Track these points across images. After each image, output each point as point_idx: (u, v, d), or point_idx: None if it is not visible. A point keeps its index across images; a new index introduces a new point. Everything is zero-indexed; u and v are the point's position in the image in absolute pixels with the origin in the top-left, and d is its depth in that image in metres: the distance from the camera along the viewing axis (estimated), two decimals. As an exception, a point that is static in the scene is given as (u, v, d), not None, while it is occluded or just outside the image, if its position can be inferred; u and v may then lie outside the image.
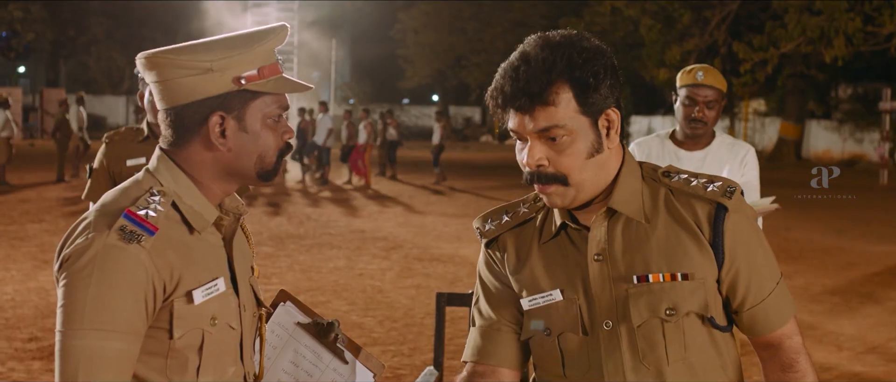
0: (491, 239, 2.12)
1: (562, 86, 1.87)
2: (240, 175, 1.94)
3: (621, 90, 1.97)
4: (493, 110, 1.95)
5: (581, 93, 1.88)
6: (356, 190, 19.47)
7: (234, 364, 1.97)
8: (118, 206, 1.84)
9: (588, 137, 1.90)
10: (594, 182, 1.94)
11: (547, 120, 1.88)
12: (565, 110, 1.88)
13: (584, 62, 1.88)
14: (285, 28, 1.95)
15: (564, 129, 1.88)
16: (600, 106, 1.91)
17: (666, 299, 1.94)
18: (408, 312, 7.83)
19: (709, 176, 2.01)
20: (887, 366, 6.64)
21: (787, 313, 2.03)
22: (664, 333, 1.94)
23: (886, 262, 11.23)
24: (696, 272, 1.94)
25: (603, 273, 1.97)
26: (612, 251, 1.97)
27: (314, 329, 2.34)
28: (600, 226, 1.98)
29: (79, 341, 1.75)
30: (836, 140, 34.00)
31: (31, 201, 15.35)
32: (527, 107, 1.88)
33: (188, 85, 1.86)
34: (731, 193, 1.96)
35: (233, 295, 1.96)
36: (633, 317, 1.94)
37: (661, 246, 1.95)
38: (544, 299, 2.02)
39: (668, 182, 2.00)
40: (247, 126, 1.90)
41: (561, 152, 1.90)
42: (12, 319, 7.20)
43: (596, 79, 1.88)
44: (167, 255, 1.83)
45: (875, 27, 23.62)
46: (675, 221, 1.96)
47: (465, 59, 41.77)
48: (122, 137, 4.31)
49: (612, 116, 1.93)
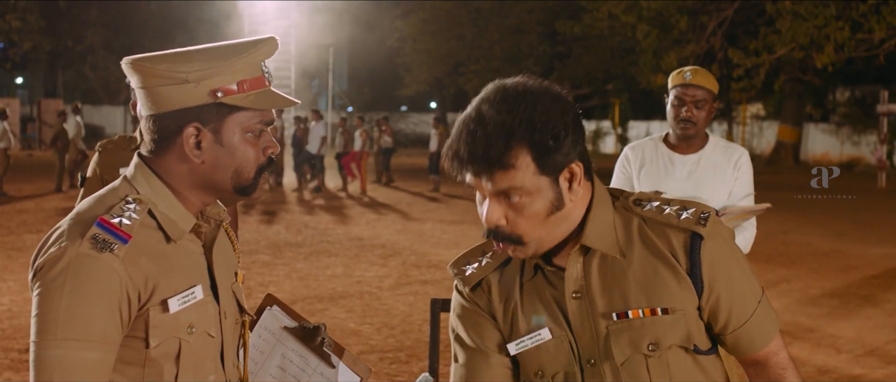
0: (475, 283, 2.03)
1: (520, 151, 1.80)
2: (215, 187, 1.91)
3: (583, 138, 1.90)
4: (448, 169, 1.87)
5: (540, 156, 1.81)
6: (352, 197, 19.47)
7: (214, 372, 1.95)
8: (92, 214, 1.82)
9: (547, 196, 1.84)
10: (553, 235, 1.88)
11: (505, 182, 1.81)
12: (524, 173, 1.81)
13: (544, 123, 1.80)
14: (273, 40, 1.92)
15: (523, 190, 1.82)
16: (561, 163, 1.84)
17: (647, 334, 1.90)
18: (405, 319, 7.82)
19: (681, 201, 1.96)
20: (886, 369, 6.63)
21: (772, 331, 2.00)
22: (648, 368, 1.91)
23: (885, 265, 11.23)
24: (676, 304, 1.90)
25: (582, 310, 1.92)
26: (589, 288, 1.92)
27: (301, 333, 2.33)
28: (576, 264, 1.93)
29: (53, 351, 1.73)
30: (834, 143, 34.04)
31: (29, 211, 15.34)
32: (483, 172, 1.82)
33: (166, 94, 1.84)
34: (704, 220, 1.91)
35: (212, 302, 1.93)
36: (616, 355, 1.90)
37: (638, 281, 1.91)
38: (532, 340, 1.96)
39: (639, 211, 1.95)
40: (223, 139, 1.87)
41: (519, 213, 1.84)
42: (9, 330, 7.18)
43: (556, 141, 1.81)
44: (141, 263, 1.81)
45: (865, 34, 23.69)
46: (651, 253, 1.92)
47: (462, 66, 41.76)
48: (116, 146, 4.30)
49: (574, 169, 1.86)
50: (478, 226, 7.49)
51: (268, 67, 1.92)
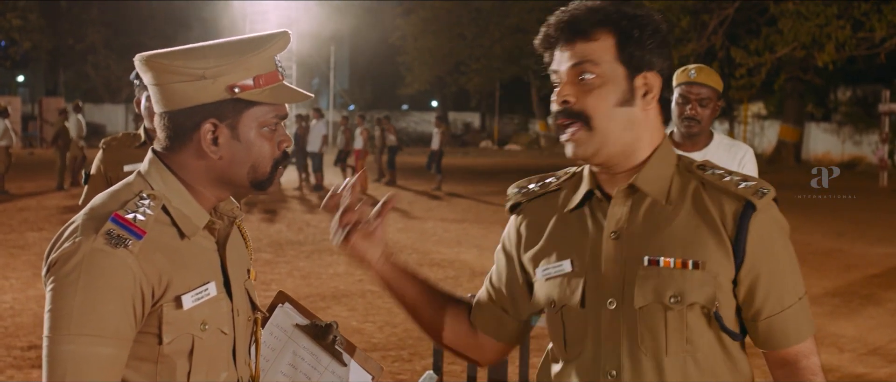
0: (513, 204, 2.14)
1: (605, 29, 1.89)
2: (233, 183, 1.92)
3: (669, 66, 1.96)
4: (538, 47, 1.97)
5: (623, 41, 1.89)
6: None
7: (226, 369, 1.94)
8: (106, 210, 1.82)
9: (619, 86, 1.89)
10: (619, 137, 1.90)
11: (582, 55, 1.89)
12: (603, 51, 1.89)
13: (634, 16, 1.90)
14: (286, 34, 1.92)
15: (597, 69, 1.88)
16: (640, 62, 1.90)
17: (673, 285, 1.87)
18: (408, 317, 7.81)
19: (745, 175, 1.95)
20: (889, 368, 6.63)
21: (806, 331, 1.95)
22: (666, 320, 1.88)
23: (887, 264, 11.23)
24: (709, 264, 1.87)
25: (616, 251, 1.92)
26: (629, 230, 1.92)
27: (312, 330, 2.32)
28: (622, 205, 1.94)
29: (66, 346, 1.73)
30: (835, 142, 34.02)
31: (31, 209, 15.34)
32: (567, 40, 1.90)
33: (182, 91, 1.84)
34: (763, 194, 1.89)
35: (225, 299, 1.93)
36: (636, 299, 1.88)
37: (678, 233, 1.90)
38: (556, 269, 1.99)
39: (701, 174, 1.95)
40: (240, 134, 1.88)
41: (588, 92, 1.89)
42: (11, 327, 7.19)
43: (641, 33, 1.89)
44: (155, 259, 1.80)
45: (866, 32, 23.69)
46: (698, 213, 1.91)
47: (464, 64, 41.78)
48: (120, 143, 4.31)
49: (651, 79, 1.92)
50: (479, 225, 7.55)
51: (281, 62, 1.92)
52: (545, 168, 13.90)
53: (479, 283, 10.36)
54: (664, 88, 1.95)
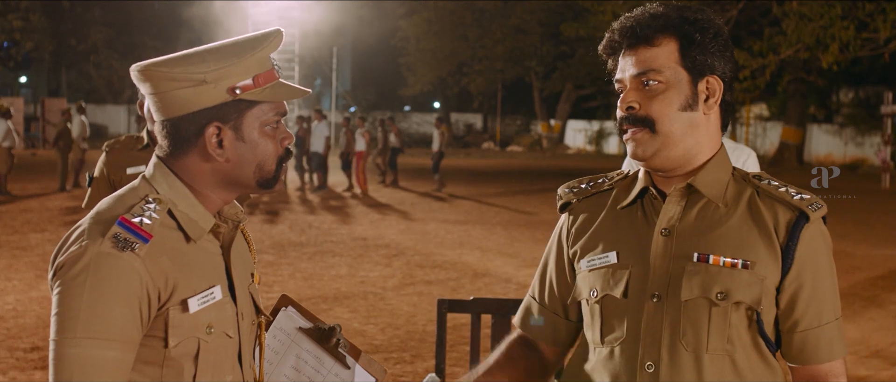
0: (564, 204, 2.17)
1: (668, 35, 1.93)
2: (239, 184, 1.93)
3: (732, 69, 1.98)
4: (602, 53, 2.02)
5: (685, 46, 1.92)
6: (355, 197, 19.47)
7: (231, 372, 1.96)
8: (112, 214, 1.83)
9: (683, 91, 1.93)
10: (682, 140, 1.94)
11: (645, 63, 1.92)
12: (666, 58, 1.92)
13: (696, 21, 1.93)
14: (280, 33, 1.93)
15: (661, 76, 1.92)
16: (702, 67, 1.93)
17: (720, 282, 1.89)
18: (410, 319, 7.82)
19: (799, 188, 1.99)
20: (891, 370, 6.63)
21: (839, 350, 1.97)
22: (710, 317, 1.90)
23: (889, 266, 11.22)
24: (758, 266, 1.90)
25: (666, 248, 1.95)
26: (681, 228, 1.95)
27: (316, 333, 2.33)
28: (676, 203, 1.97)
29: (73, 349, 1.74)
30: (837, 144, 34.02)
31: (33, 211, 15.35)
32: (631, 47, 1.94)
33: (183, 97, 1.85)
34: (817, 208, 1.93)
35: (230, 303, 1.94)
36: (683, 292, 1.90)
37: (730, 234, 1.92)
38: (601, 260, 2.02)
39: (757, 183, 1.99)
40: (244, 135, 1.89)
41: (653, 97, 1.92)
42: (14, 329, 7.19)
43: (703, 37, 1.92)
44: (162, 263, 1.81)
45: (870, 33, 23.65)
46: (752, 218, 1.94)
47: (466, 66, 41.79)
48: (123, 146, 4.31)
49: (713, 84, 1.95)
50: (481, 226, 7.55)
51: (276, 60, 1.94)
52: (547, 169, 13.88)
53: (481, 285, 10.35)
54: (727, 92, 1.98)
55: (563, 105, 43.48)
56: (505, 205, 17.85)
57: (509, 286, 9.38)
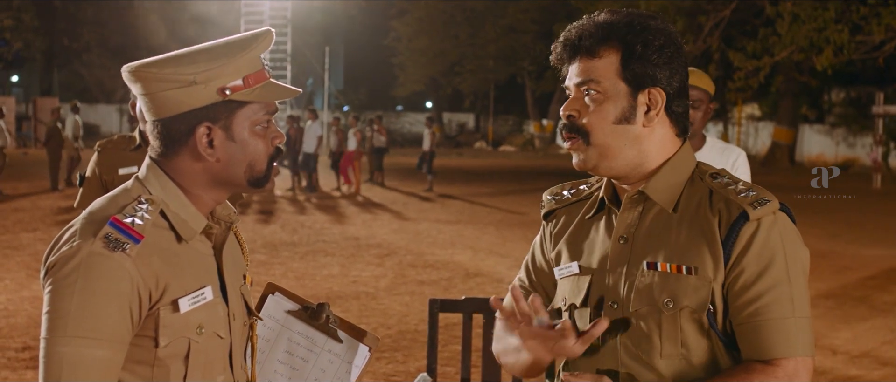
0: (548, 212, 2.19)
1: (610, 46, 1.94)
2: (231, 183, 1.94)
3: (680, 79, 1.97)
4: (553, 63, 2.04)
5: (626, 58, 1.92)
6: (347, 197, 19.46)
7: (222, 373, 1.96)
8: (105, 214, 1.84)
9: (620, 104, 1.94)
10: (620, 152, 1.95)
11: (586, 73, 1.94)
12: (605, 69, 1.93)
13: (641, 31, 1.92)
14: (270, 33, 1.94)
15: (599, 87, 1.93)
16: (643, 79, 1.93)
17: (667, 289, 1.91)
18: (402, 319, 7.82)
19: (757, 187, 1.97)
20: (882, 370, 6.65)
21: (797, 347, 1.87)
22: (660, 323, 1.91)
23: (880, 266, 11.25)
24: (703, 270, 1.91)
25: (622, 255, 1.98)
26: (636, 235, 1.98)
27: (305, 313, 2.34)
28: (632, 210, 2.00)
29: (63, 348, 1.75)
30: (829, 144, 34.10)
31: (25, 210, 15.32)
32: (573, 57, 1.97)
33: (173, 98, 1.86)
34: (760, 204, 1.91)
35: (221, 303, 1.95)
36: (633, 302, 1.94)
37: (679, 240, 1.94)
38: (567, 269, 2.07)
39: (711, 183, 1.99)
40: (235, 135, 1.90)
41: (589, 108, 1.95)
42: (5, 328, 7.18)
43: (645, 49, 1.92)
44: (153, 263, 1.82)
45: (864, 36, 23.69)
46: (700, 220, 1.95)
47: (458, 65, 41.77)
48: (115, 146, 4.30)
49: (655, 95, 1.95)
50: (473, 226, 7.56)
51: (266, 60, 1.95)
52: (539, 169, 13.89)
53: (473, 285, 10.35)
54: (674, 102, 1.97)
55: (556, 105, 43.40)
56: (497, 205, 17.85)
57: (501, 286, 9.39)
